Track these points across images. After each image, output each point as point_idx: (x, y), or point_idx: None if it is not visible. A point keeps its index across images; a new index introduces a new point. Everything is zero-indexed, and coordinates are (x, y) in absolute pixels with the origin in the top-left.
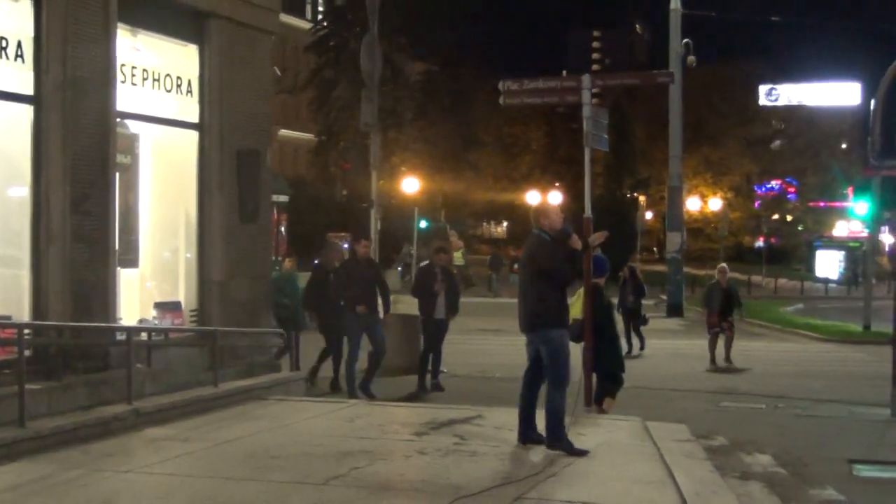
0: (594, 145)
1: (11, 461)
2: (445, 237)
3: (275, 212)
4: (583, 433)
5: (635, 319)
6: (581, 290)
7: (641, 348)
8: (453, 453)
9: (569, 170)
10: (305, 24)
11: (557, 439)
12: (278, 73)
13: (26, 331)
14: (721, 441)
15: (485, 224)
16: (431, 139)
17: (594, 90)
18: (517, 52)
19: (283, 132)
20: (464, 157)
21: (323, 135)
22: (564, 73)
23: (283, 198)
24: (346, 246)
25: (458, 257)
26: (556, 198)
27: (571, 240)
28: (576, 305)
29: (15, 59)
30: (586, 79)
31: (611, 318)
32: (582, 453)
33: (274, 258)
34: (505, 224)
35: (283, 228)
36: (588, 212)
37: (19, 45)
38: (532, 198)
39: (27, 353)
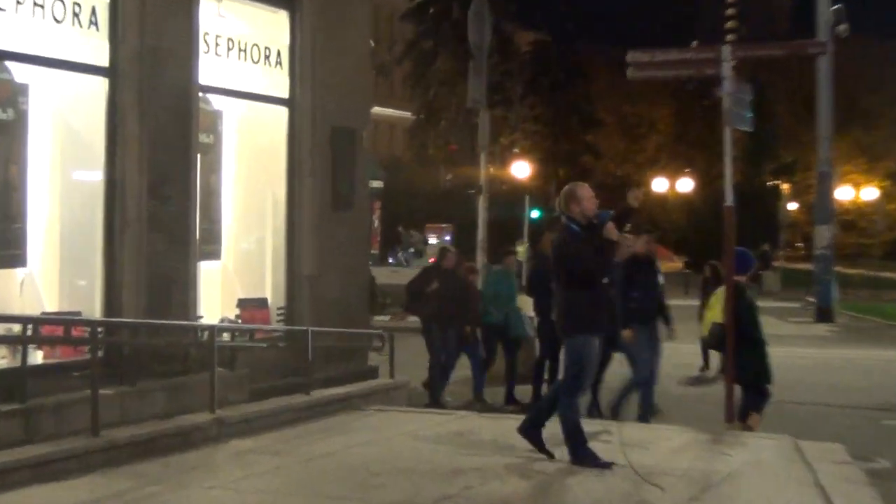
0: (736, 125)
1: (84, 474)
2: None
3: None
4: (727, 453)
5: None
6: (721, 290)
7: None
8: (577, 472)
9: (700, 153)
10: None
11: (575, 453)
12: (372, 44)
13: (99, 329)
14: (884, 464)
15: None
16: (544, 118)
17: (732, 63)
18: (637, 21)
19: (377, 110)
20: (580, 138)
21: (421, 113)
22: (695, 43)
23: (378, 183)
24: (447, 238)
25: None
26: (686, 184)
27: (606, 228)
28: (715, 307)
29: (89, 27)
30: (725, 49)
31: (755, 321)
32: (606, 465)
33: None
34: None
35: (376, 218)
36: (729, 199)
37: (93, 11)
38: (659, 185)
39: (99, 353)
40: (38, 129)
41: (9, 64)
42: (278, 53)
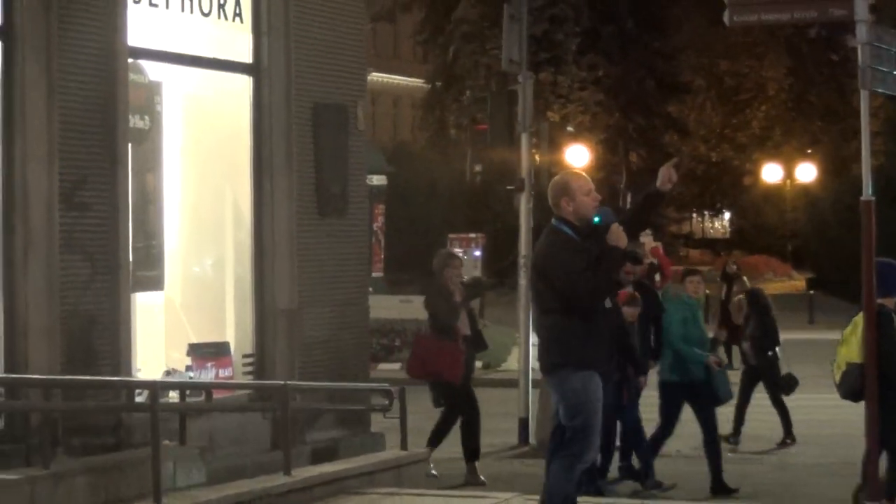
0: (877, 87)
1: None
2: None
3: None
4: None
5: (765, 378)
6: (857, 319)
7: (786, 437)
8: None
9: (827, 128)
10: None
11: None
12: None
13: None
14: None
15: (695, 217)
16: (608, 83)
17: (871, 1)
18: None
19: (376, 76)
20: (659, 109)
21: (438, 79)
22: None
23: (380, 179)
24: (477, 254)
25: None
26: (808, 171)
27: (610, 233)
28: (849, 342)
29: None
30: None
31: None
32: None
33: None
34: (727, 216)
35: (378, 226)
36: (867, 191)
37: None
38: (770, 172)
39: None
40: None
41: None
42: (237, 1)
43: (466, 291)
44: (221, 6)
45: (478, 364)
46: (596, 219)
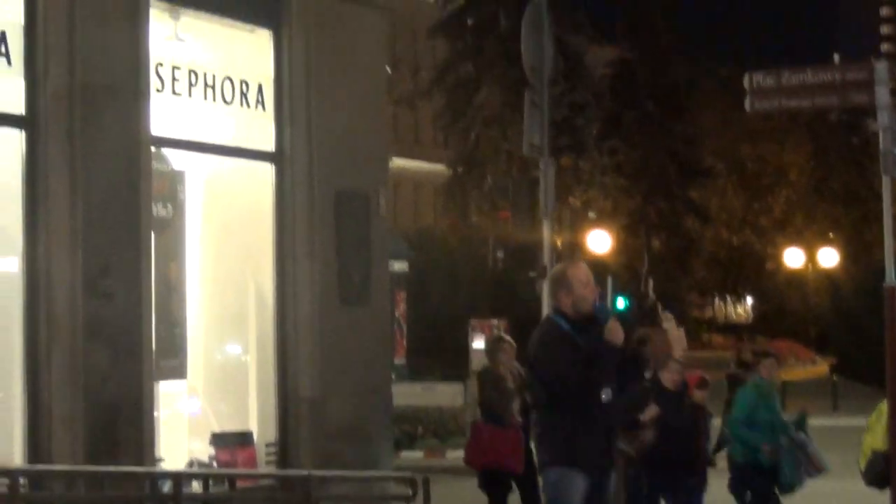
0: None
1: None
2: (655, 321)
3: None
4: None
5: None
6: (882, 406)
7: None
8: None
9: (849, 212)
10: None
11: None
12: (388, 71)
13: (20, 479)
14: None
15: (717, 301)
16: (629, 168)
17: (892, 85)
18: (756, 32)
19: (397, 161)
20: (680, 194)
21: (459, 165)
22: (837, 59)
23: (402, 265)
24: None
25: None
26: (830, 256)
27: (607, 328)
28: (874, 430)
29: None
30: (881, 67)
31: None
32: None
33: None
34: (749, 301)
35: (399, 313)
36: (891, 276)
37: (3, 36)
38: (792, 257)
39: None
40: None
41: None
42: (259, 89)
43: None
44: (244, 95)
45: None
46: (603, 312)
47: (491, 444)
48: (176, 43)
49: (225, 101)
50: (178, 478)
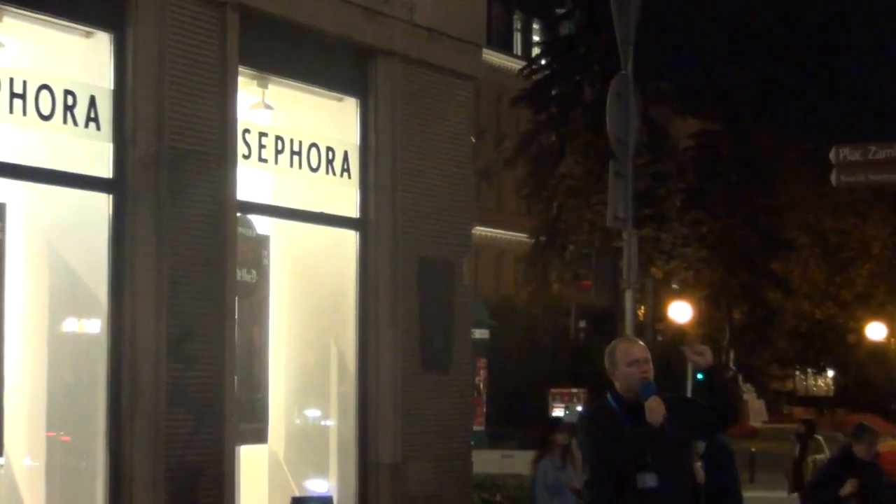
0: None
1: None
2: (736, 393)
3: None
4: None
5: None
6: None
7: None
8: None
9: None
10: (512, 63)
11: None
12: (473, 140)
13: None
14: None
15: (798, 374)
16: (712, 240)
17: None
18: (838, 102)
19: (480, 230)
20: (763, 266)
21: (542, 234)
22: None
23: (483, 333)
24: (579, 409)
25: None
26: None
27: (648, 408)
28: None
29: (71, 122)
30: None
31: None
32: None
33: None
34: (830, 374)
35: (480, 380)
36: None
37: (73, 97)
38: (874, 330)
39: None
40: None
41: None
42: (345, 157)
43: None
44: (330, 162)
45: None
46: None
47: None
48: (263, 110)
49: (311, 167)
50: None
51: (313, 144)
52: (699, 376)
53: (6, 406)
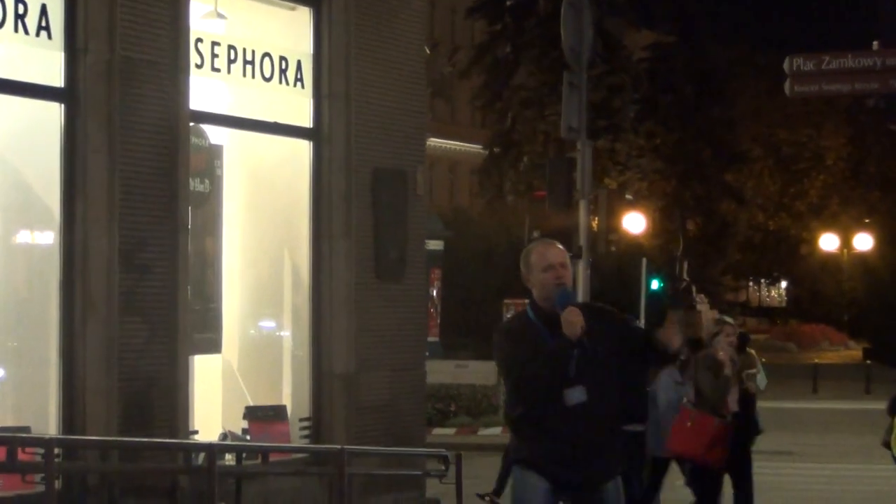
0: None
1: None
2: (689, 304)
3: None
4: None
5: None
6: None
7: None
8: None
9: (885, 197)
10: None
11: None
12: (427, 51)
13: (55, 450)
14: None
15: (751, 285)
16: (666, 151)
17: None
18: (791, 14)
19: (434, 142)
20: (717, 177)
21: (496, 145)
22: (876, 45)
23: (437, 244)
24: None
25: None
26: (865, 241)
27: (564, 317)
28: None
29: (38, 34)
30: None
31: None
32: None
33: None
34: (783, 285)
35: (435, 291)
36: None
37: (24, 6)
38: (827, 241)
39: (56, 484)
40: None
41: None
42: (298, 66)
43: None
44: (283, 71)
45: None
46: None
47: (693, 433)
48: (216, 19)
49: (264, 77)
50: (212, 450)
51: (266, 54)
52: (654, 286)
53: None
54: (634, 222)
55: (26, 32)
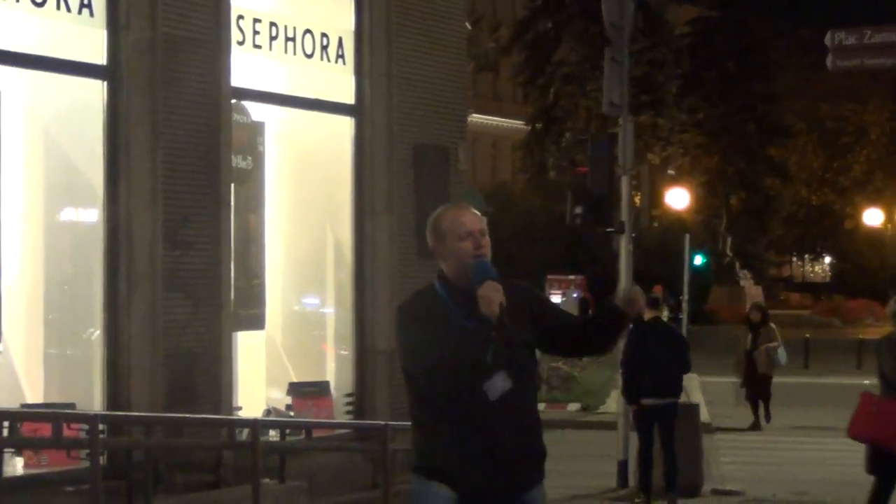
0: None
1: None
2: (733, 280)
3: None
4: None
5: None
6: None
7: None
8: None
9: None
10: None
11: None
12: (468, 27)
13: (100, 426)
14: None
15: (795, 260)
16: (709, 126)
17: None
18: None
19: (476, 118)
20: (760, 152)
21: (538, 121)
22: None
23: None
24: (575, 295)
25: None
26: None
27: (480, 294)
28: None
29: (65, 7)
30: None
31: None
32: None
33: None
34: (827, 260)
35: None
36: None
37: None
38: (871, 216)
39: (101, 460)
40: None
41: None
42: (340, 43)
43: None
44: (324, 48)
45: (574, 406)
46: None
47: (877, 418)
48: None
49: (305, 54)
50: (256, 426)
51: (308, 30)
52: (697, 262)
53: (4, 295)
54: (677, 198)
55: (69, 10)
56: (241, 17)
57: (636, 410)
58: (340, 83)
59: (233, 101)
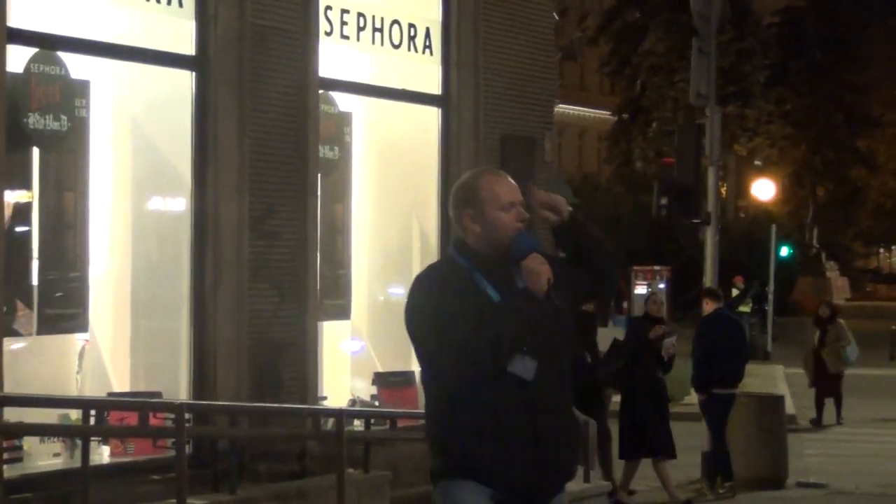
0: None
1: None
2: (820, 271)
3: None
4: None
5: None
6: None
7: None
8: None
9: None
10: None
11: None
12: (556, 17)
13: (186, 415)
14: None
15: (882, 251)
16: (796, 117)
17: None
18: None
19: (562, 108)
20: (848, 143)
21: (625, 111)
22: None
23: None
24: (661, 286)
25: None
26: None
27: (523, 267)
28: None
29: (168, 3)
30: None
31: None
32: None
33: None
34: None
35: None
36: None
37: None
38: None
39: (187, 449)
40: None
41: None
42: (427, 33)
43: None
44: (412, 39)
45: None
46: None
47: None
48: None
49: (393, 44)
50: (341, 416)
51: (395, 21)
52: (784, 253)
53: (92, 282)
54: (764, 189)
55: (158, 1)
56: (328, 7)
57: (704, 400)
58: (427, 73)
59: (320, 91)
